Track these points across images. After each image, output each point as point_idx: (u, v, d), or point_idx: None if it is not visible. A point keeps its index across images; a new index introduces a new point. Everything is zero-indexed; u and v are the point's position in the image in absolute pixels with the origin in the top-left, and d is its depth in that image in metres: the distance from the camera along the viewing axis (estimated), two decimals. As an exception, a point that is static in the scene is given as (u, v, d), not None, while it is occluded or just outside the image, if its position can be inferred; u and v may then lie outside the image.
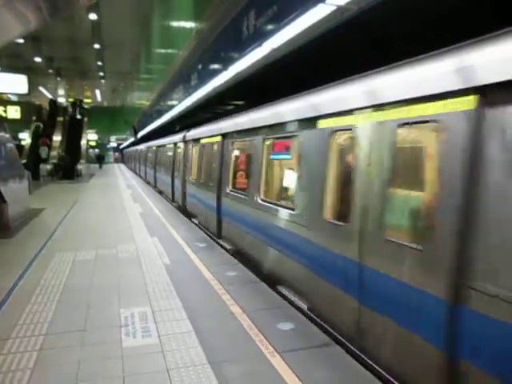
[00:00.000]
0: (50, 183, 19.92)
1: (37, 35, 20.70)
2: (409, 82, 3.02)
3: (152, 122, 22.01)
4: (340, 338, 3.70)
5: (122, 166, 47.89)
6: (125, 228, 8.58)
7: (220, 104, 11.30)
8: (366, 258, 3.40)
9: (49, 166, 21.59)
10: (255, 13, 5.69)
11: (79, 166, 23.94)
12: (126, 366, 3.12)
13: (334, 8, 3.88)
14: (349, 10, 3.86)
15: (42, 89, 35.46)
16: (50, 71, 31.96)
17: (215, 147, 8.50)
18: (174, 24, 19.76)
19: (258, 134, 6.12)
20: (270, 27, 5.18)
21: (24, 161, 18.17)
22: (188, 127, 12.84)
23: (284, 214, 5.10)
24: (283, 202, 5.54)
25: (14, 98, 26.00)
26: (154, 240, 7.39)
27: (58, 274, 5.37)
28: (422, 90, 2.81)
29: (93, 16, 19.14)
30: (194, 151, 10.89)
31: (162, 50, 24.40)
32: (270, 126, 5.70)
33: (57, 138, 25.32)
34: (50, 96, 32.69)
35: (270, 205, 5.58)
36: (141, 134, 32.15)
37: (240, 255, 6.61)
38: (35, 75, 27.09)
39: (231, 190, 7.33)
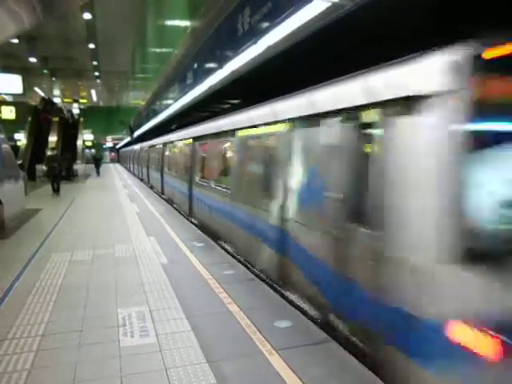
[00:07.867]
0: (47, 184, 19.80)
1: (31, 35, 20.61)
2: (217, 125, 8.38)
3: (149, 121, 21.91)
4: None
5: (118, 165, 47.80)
6: (122, 227, 8.56)
7: (217, 102, 11.26)
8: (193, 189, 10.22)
9: (45, 167, 21.42)
10: (250, 9, 5.67)
11: (75, 167, 23.80)
12: (124, 365, 3.11)
13: (328, 4, 3.86)
14: (344, 6, 3.83)
15: (37, 89, 35.34)
16: (45, 71, 31.85)
17: (160, 150, 15.68)
18: (169, 22, 19.70)
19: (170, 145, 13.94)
20: (265, 24, 5.15)
21: (20, 161, 18.05)
22: (186, 125, 12.98)
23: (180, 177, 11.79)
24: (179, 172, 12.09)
25: (8, 99, 25.89)
26: (151, 239, 7.38)
27: (54, 275, 5.35)
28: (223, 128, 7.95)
29: (87, 15, 19.07)
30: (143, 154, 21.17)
31: (157, 49, 24.34)
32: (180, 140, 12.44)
33: (52, 138, 25.11)
34: (45, 96, 32.53)
35: (176, 174, 12.37)
36: (137, 133, 31.98)
37: (170, 202, 12.83)
38: (30, 75, 26.98)
39: (167, 170, 14.32)
